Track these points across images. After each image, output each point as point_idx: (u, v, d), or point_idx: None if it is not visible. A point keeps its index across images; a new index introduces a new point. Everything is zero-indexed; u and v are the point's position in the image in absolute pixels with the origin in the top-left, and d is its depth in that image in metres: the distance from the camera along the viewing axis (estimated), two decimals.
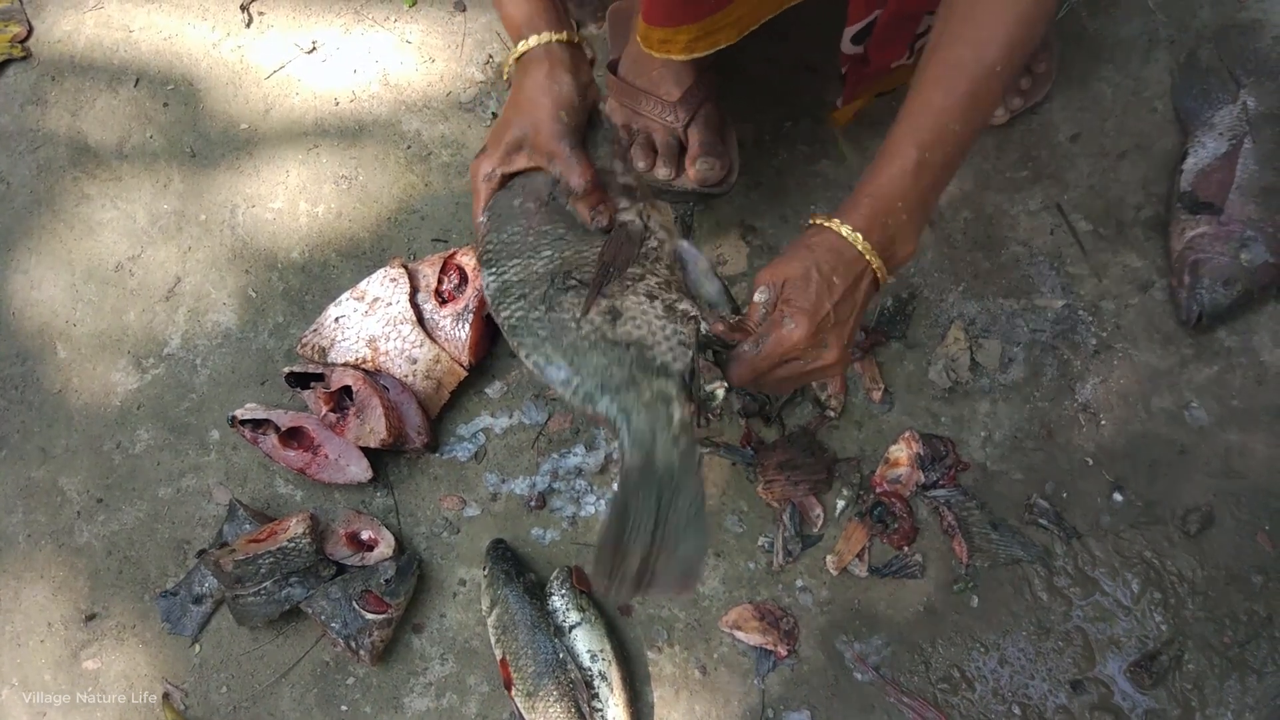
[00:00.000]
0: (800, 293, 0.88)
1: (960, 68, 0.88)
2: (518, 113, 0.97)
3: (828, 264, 0.88)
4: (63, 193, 1.43)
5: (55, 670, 1.24)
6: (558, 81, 0.96)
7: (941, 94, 0.88)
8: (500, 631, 1.17)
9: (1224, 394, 1.22)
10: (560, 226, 0.95)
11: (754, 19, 1.12)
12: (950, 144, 0.89)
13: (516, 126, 0.97)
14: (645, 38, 1.12)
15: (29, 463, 1.32)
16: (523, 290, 0.92)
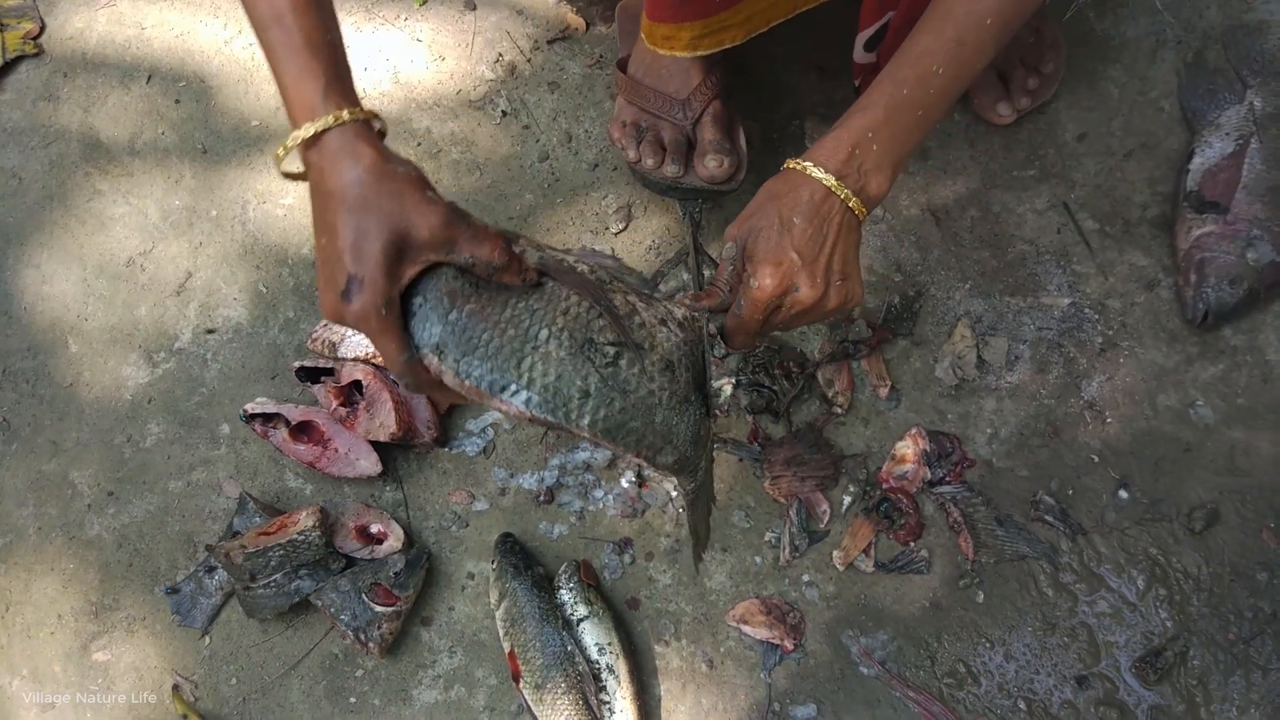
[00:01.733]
0: (759, 244, 0.86)
1: (950, 15, 0.88)
2: (368, 217, 0.74)
3: (788, 207, 0.86)
4: (75, 188, 1.44)
5: (65, 662, 1.25)
6: (394, 161, 0.77)
7: (929, 37, 0.88)
8: (508, 624, 1.17)
9: (1229, 392, 1.22)
10: (518, 300, 0.83)
11: (763, 22, 1.13)
12: (931, 86, 0.87)
13: (378, 233, 0.74)
14: (649, 34, 1.12)
15: (40, 456, 1.33)
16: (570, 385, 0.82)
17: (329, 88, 0.75)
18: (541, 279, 0.85)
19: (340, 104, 0.75)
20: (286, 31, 0.76)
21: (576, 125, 1.41)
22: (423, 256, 0.77)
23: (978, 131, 1.35)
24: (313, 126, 0.75)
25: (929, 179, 1.34)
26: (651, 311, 0.89)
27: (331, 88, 0.75)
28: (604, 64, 1.43)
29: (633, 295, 0.89)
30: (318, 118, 0.75)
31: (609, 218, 1.36)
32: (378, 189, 0.74)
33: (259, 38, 0.78)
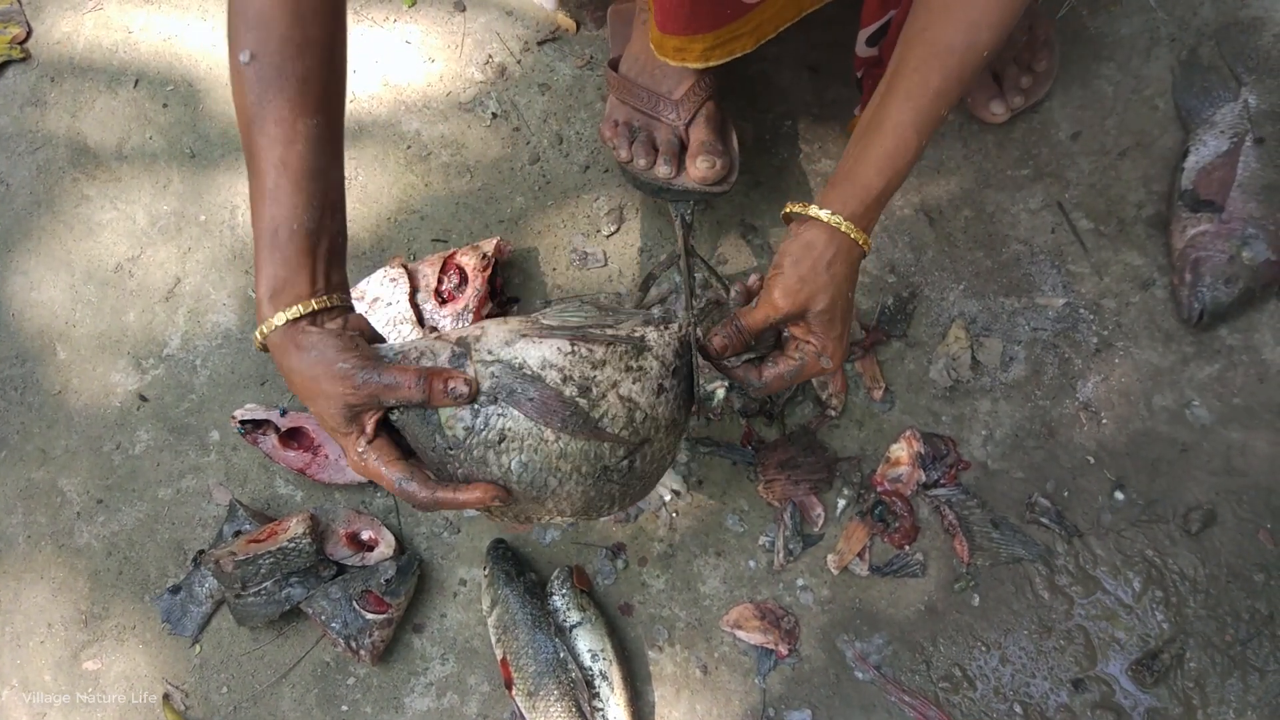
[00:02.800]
0: (830, 326, 0.92)
1: (953, 50, 0.88)
2: (314, 399, 0.85)
3: (849, 284, 0.92)
4: (62, 194, 1.43)
5: (55, 671, 1.24)
6: (313, 349, 0.83)
7: (939, 77, 0.88)
8: (501, 631, 1.16)
9: (1225, 392, 1.22)
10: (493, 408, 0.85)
11: (772, 27, 1.12)
12: (937, 127, 0.90)
13: (329, 407, 0.84)
14: (660, 45, 1.11)
15: (29, 464, 1.32)
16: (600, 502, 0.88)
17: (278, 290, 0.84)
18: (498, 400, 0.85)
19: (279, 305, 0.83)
20: (259, 220, 0.85)
21: (567, 127, 1.40)
22: (366, 414, 0.85)
23: (971, 130, 1.34)
24: (257, 336, 0.85)
25: (922, 179, 1.33)
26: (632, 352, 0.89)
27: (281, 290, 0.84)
28: (595, 65, 1.42)
29: (619, 345, 0.89)
30: (263, 322, 0.84)
31: (600, 220, 1.35)
32: (307, 378, 0.84)
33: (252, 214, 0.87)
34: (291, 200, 0.84)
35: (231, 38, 0.85)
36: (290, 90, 0.84)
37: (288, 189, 0.84)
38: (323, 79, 0.86)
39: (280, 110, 0.84)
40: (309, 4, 0.84)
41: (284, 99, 0.84)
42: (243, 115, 0.86)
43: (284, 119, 0.84)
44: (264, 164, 0.84)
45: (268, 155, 0.84)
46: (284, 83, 0.84)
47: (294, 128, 0.84)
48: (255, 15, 0.83)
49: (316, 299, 0.84)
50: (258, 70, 0.84)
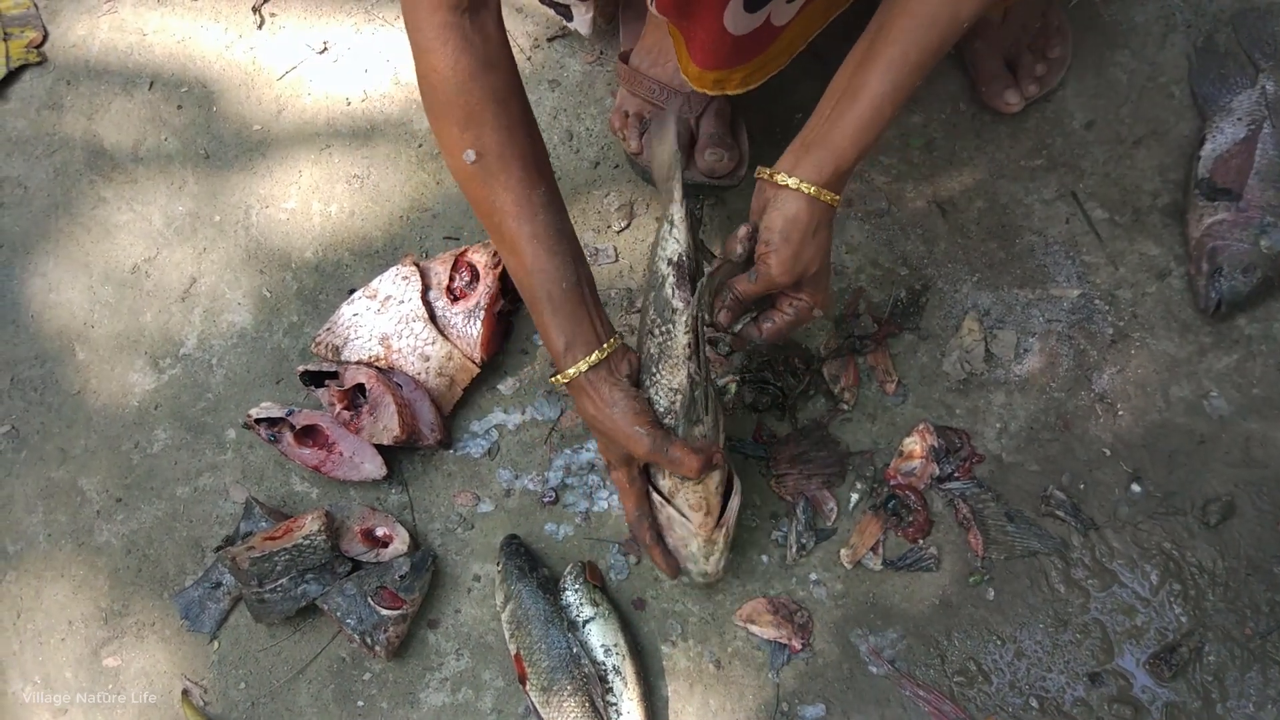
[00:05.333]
0: (819, 282, 1.00)
1: (935, 23, 0.89)
2: (603, 434, 1.02)
3: (829, 243, 0.98)
4: (79, 196, 1.45)
5: (76, 668, 1.26)
6: (613, 405, 0.99)
7: (918, 50, 0.89)
8: (514, 627, 1.17)
9: (1244, 382, 1.20)
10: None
11: (802, 41, 1.14)
12: (909, 96, 0.93)
13: (613, 447, 1.03)
14: (698, 80, 1.11)
15: (49, 463, 1.34)
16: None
17: (571, 343, 0.98)
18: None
19: (578, 356, 0.98)
20: (531, 289, 0.98)
21: (577, 123, 1.40)
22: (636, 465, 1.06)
23: (984, 121, 1.33)
24: (562, 379, 1.00)
25: (935, 170, 1.32)
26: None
27: (574, 342, 0.98)
28: (604, 61, 1.42)
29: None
30: (563, 369, 0.99)
31: (611, 216, 1.35)
32: (606, 424, 1.00)
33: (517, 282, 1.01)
34: (551, 264, 0.96)
35: (447, 142, 0.95)
36: (517, 170, 0.94)
37: (545, 257, 0.96)
38: (535, 151, 0.96)
39: (515, 191, 0.94)
40: (505, 88, 0.94)
41: (514, 180, 0.94)
42: (482, 205, 0.96)
43: (521, 198, 0.94)
44: (520, 243, 0.96)
45: (520, 234, 0.95)
46: (510, 166, 0.94)
47: (531, 202, 0.95)
48: (465, 115, 0.92)
49: (607, 343, 0.99)
50: (485, 165, 0.94)
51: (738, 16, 1.01)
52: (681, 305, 1.00)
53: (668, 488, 1.07)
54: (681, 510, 1.07)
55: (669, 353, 1.01)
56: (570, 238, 0.99)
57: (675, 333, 1.01)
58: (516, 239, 0.96)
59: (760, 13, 1.03)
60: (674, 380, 1.02)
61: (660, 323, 1.02)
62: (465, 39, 0.90)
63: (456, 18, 0.90)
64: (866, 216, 1.31)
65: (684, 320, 1.00)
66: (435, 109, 0.94)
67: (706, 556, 1.09)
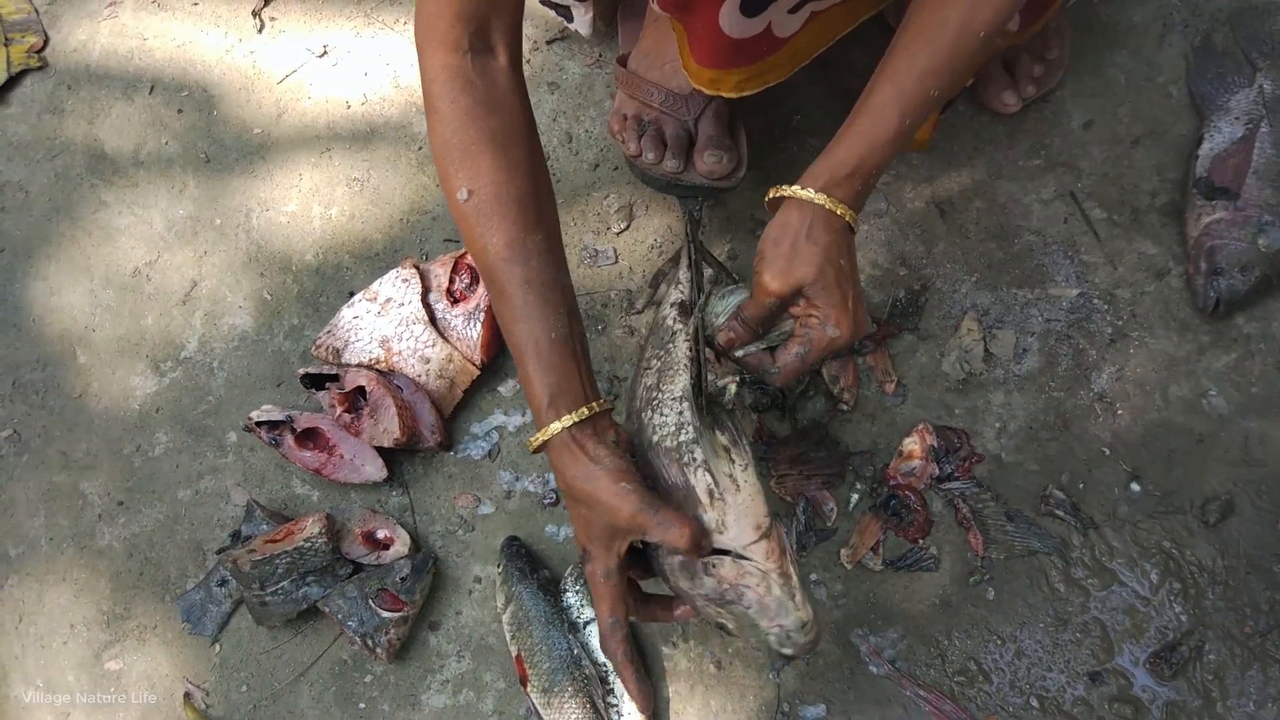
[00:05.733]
0: (827, 294, 0.90)
1: (945, 28, 0.87)
2: (583, 505, 0.90)
3: (836, 250, 0.90)
4: (80, 200, 1.45)
5: (78, 671, 1.26)
6: (597, 461, 0.88)
7: (927, 57, 0.87)
8: (515, 628, 1.17)
9: (1243, 381, 1.20)
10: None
11: (806, 56, 1.13)
12: (926, 108, 0.89)
13: (595, 519, 0.89)
14: (695, 75, 1.12)
15: (50, 467, 1.34)
16: None
17: (555, 397, 0.89)
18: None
19: (561, 411, 0.89)
20: (518, 337, 0.91)
21: (577, 125, 1.40)
22: (625, 539, 0.88)
23: (982, 121, 1.34)
24: (540, 438, 0.90)
25: (933, 171, 1.32)
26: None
27: (558, 397, 0.89)
28: (603, 64, 1.43)
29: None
30: (544, 424, 0.90)
31: (610, 218, 1.35)
32: (586, 486, 0.88)
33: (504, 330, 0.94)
34: (542, 313, 0.90)
35: (445, 181, 0.93)
36: (513, 213, 0.91)
37: (536, 303, 0.90)
38: (536, 195, 0.93)
39: (509, 234, 0.90)
40: (506, 131, 0.92)
41: (508, 223, 0.90)
42: (474, 246, 0.92)
43: (514, 241, 0.90)
44: (509, 286, 0.91)
45: (510, 277, 0.90)
46: (505, 209, 0.90)
47: (525, 246, 0.91)
48: (460, 154, 0.91)
49: (588, 405, 0.90)
50: (477, 204, 0.91)
51: (734, 19, 1.01)
52: (680, 327, 0.99)
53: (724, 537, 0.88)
54: (739, 552, 0.87)
55: (669, 366, 0.95)
56: (565, 290, 0.93)
57: (675, 347, 0.96)
58: (506, 283, 0.91)
59: (758, 19, 1.03)
60: (675, 387, 0.94)
61: (658, 351, 0.98)
62: (467, 81, 0.91)
63: (459, 59, 0.91)
64: (865, 217, 1.32)
65: (683, 335, 0.98)
66: (436, 146, 0.93)
67: (792, 596, 0.87)
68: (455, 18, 0.90)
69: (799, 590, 0.88)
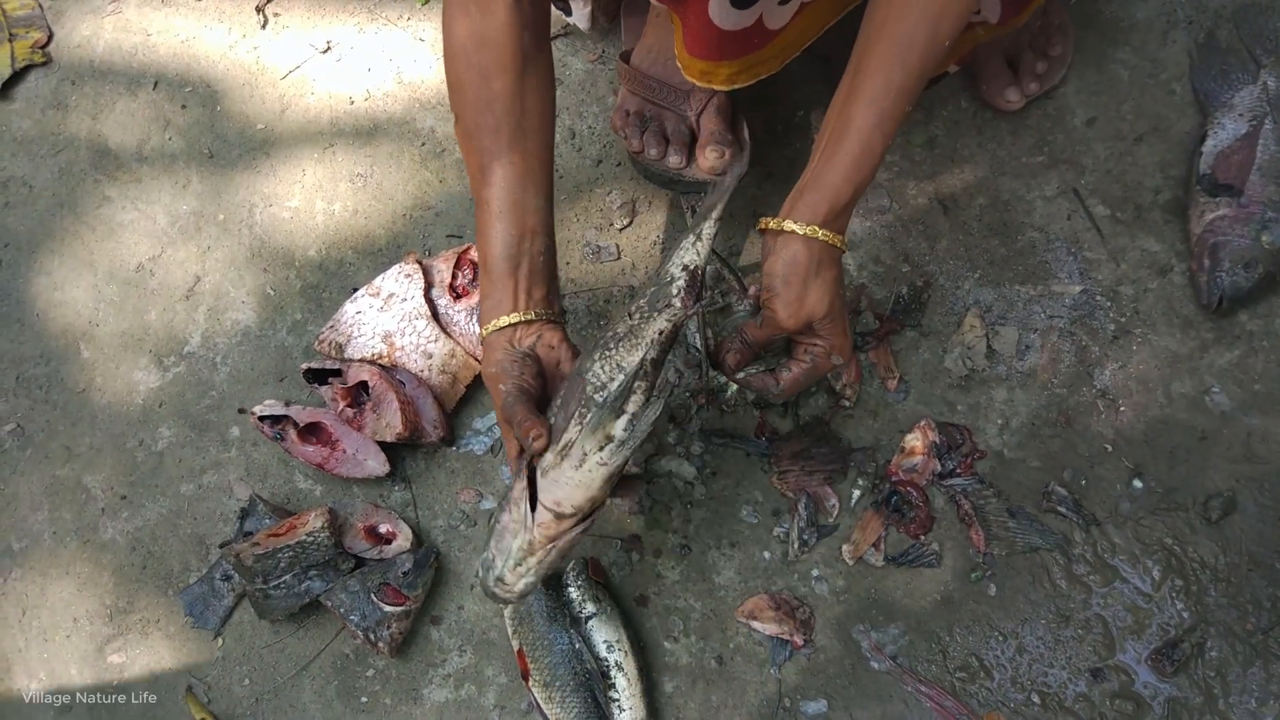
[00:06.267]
0: (833, 325, 0.96)
1: (913, 45, 0.88)
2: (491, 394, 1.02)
3: (838, 283, 0.95)
4: (84, 195, 1.45)
5: (81, 664, 1.26)
6: (495, 364, 0.99)
7: (901, 74, 0.89)
8: (517, 623, 1.17)
9: (1246, 378, 1.20)
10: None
11: (796, 48, 1.13)
12: (900, 123, 0.92)
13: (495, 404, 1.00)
14: (687, 66, 1.12)
15: (54, 461, 1.35)
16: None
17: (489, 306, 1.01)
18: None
19: (489, 318, 1.00)
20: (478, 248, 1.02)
21: (580, 122, 1.40)
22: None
23: (985, 118, 1.33)
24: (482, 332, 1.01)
25: (936, 168, 1.32)
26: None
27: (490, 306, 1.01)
28: (606, 60, 1.43)
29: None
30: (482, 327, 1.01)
31: (613, 214, 1.35)
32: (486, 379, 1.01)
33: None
34: (494, 231, 0.99)
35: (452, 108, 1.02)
36: (485, 140, 0.99)
37: (491, 223, 1.00)
38: (513, 124, 0.99)
39: (481, 159, 0.99)
40: (493, 62, 0.98)
41: (481, 149, 0.99)
42: (466, 168, 1.04)
43: (484, 166, 0.99)
44: (478, 206, 1.01)
45: (479, 198, 1.01)
46: (480, 135, 0.99)
47: (492, 171, 0.99)
48: (453, 82, 1.00)
49: (515, 314, 1.00)
50: (462, 129, 1.01)
51: (724, 10, 1.01)
52: (679, 305, 0.99)
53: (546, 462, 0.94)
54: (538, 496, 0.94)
55: (637, 334, 0.96)
56: (526, 213, 1.00)
57: (654, 321, 0.96)
58: (477, 202, 1.01)
59: (749, 11, 1.03)
60: (627, 358, 0.95)
61: (646, 309, 0.97)
62: (467, 10, 0.97)
63: None
64: (868, 213, 1.32)
65: (668, 316, 0.97)
66: (446, 74, 1.02)
67: (518, 561, 0.96)
68: None
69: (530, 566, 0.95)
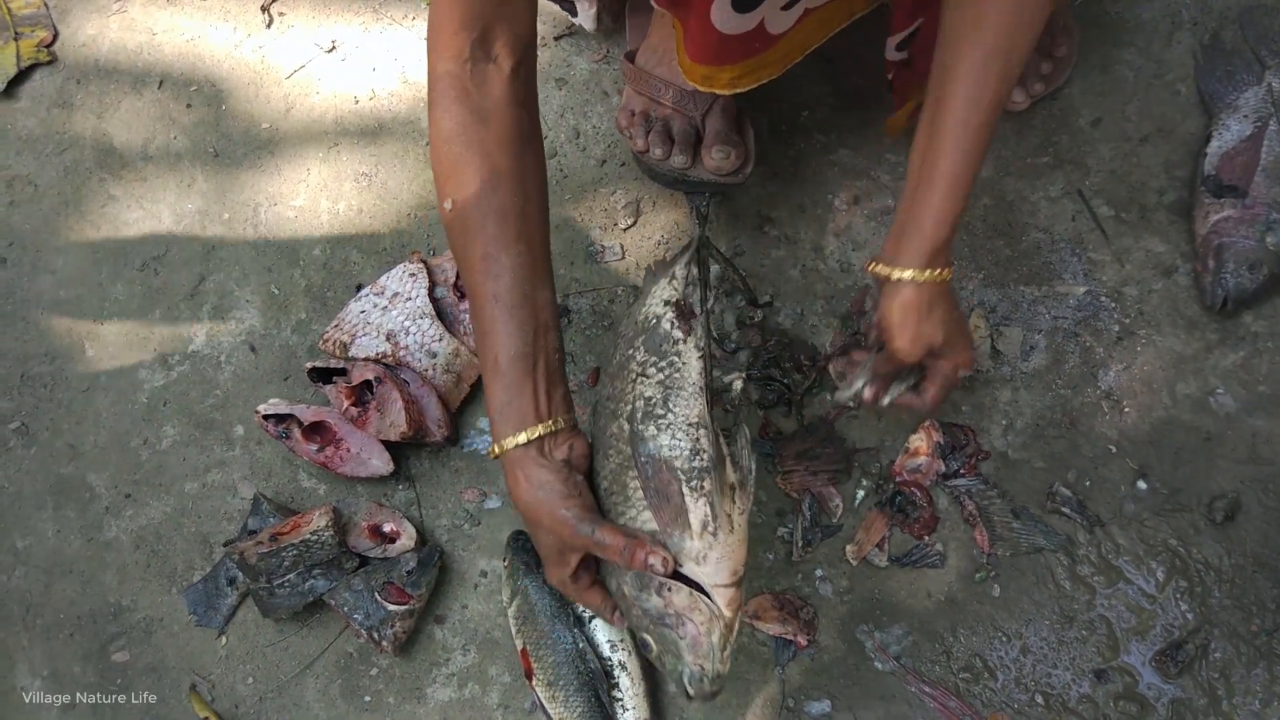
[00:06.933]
0: (953, 345, 0.99)
1: (987, 79, 0.88)
2: (533, 523, 0.96)
3: (951, 309, 0.98)
4: (89, 194, 1.46)
5: (84, 663, 1.26)
6: (540, 486, 0.93)
7: (979, 112, 0.89)
8: (520, 622, 1.17)
9: (1250, 379, 1.20)
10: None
11: (799, 53, 1.13)
12: (985, 152, 0.92)
13: (544, 536, 0.96)
14: (688, 71, 1.12)
15: (58, 459, 1.35)
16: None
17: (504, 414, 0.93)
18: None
19: (507, 430, 0.92)
20: (482, 351, 0.94)
21: (584, 121, 1.40)
22: (576, 556, 0.95)
23: None
24: (495, 449, 0.94)
25: None
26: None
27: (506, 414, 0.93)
28: (611, 60, 1.43)
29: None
30: (497, 442, 0.94)
31: (618, 213, 1.35)
32: (532, 507, 0.93)
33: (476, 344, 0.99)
34: (506, 329, 0.92)
35: (437, 189, 0.95)
36: (491, 227, 0.91)
37: (502, 319, 0.92)
38: (518, 208, 0.93)
39: (485, 247, 0.92)
40: (495, 139, 0.92)
41: (486, 236, 0.92)
42: (457, 257, 0.95)
43: (489, 255, 0.91)
44: (480, 300, 0.93)
45: (482, 291, 0.92)
46: (484, 221, 0.91)
47: (499, 262, 0.91)
48: (449, 163, 0.92)
49: (542, 424, 0.92)
50: (458, 214, 0.92)
51: (726, 14, 1.01)
52: (683, 335, 0.99)
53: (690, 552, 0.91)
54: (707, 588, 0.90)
55: (679, 386, 0.95)
56: (538, 307, 0.93)
57: (684, 363, 0.96)
58: (476, 296, 0.93)
59: (751, 15, 1.02)
60: (692, 413, 0.94)
61: (657, 360, 0.97)
62: (463, 90, 0.92)
63: (459, 68, 0.91)
64: (873, 214, 1.32)
65: (692, 347, 0.98)
66: (431, 155, 0.95)
67: (725, 647, 0.91)
68: (459, 26, 0.90)
69: (731, 646, 0.91)
